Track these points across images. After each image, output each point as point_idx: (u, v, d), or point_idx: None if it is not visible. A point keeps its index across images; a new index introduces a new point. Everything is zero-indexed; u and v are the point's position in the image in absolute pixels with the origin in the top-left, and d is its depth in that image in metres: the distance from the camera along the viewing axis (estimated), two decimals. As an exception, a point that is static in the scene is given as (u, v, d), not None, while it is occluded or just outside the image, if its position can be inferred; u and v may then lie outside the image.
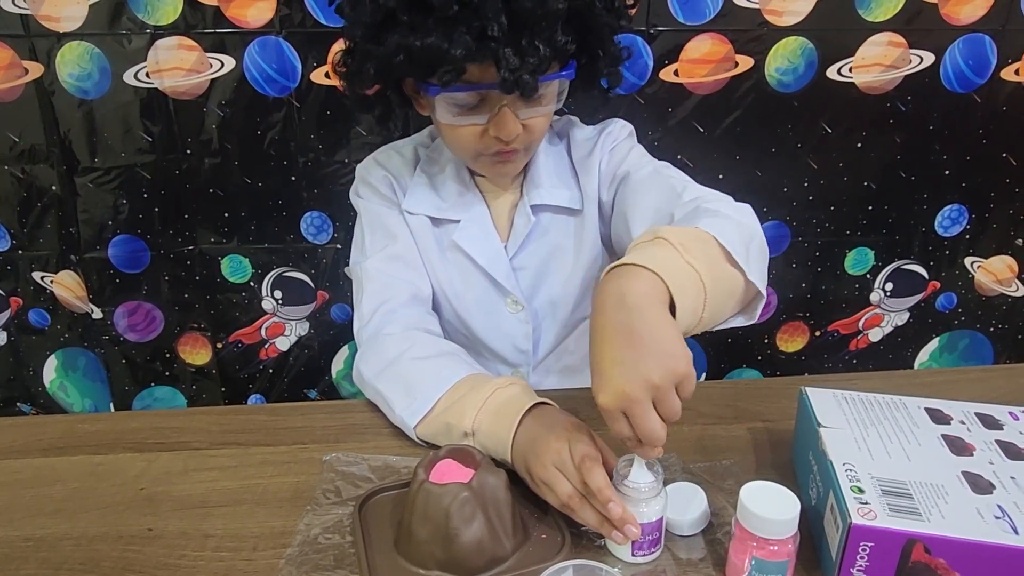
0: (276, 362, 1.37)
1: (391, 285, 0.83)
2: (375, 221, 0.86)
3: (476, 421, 0.65)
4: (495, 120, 0.72)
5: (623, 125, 0.88)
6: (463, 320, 0.87)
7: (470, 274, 0.86)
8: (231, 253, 1.28)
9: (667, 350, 0.52)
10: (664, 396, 0.51)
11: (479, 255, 0.84)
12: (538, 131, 0.77)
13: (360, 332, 0.82)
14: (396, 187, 0.86)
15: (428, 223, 0.85)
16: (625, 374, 0.51)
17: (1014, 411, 0.63)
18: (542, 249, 0.86)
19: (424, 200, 0.85)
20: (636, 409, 0.51)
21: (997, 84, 1.20)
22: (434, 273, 0.86)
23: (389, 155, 0.89)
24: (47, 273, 1.26)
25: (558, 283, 0.86)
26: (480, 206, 0.85)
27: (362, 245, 0.87)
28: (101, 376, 1.34)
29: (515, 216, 0.85)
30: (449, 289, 0.86)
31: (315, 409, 0.80)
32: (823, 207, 1.29)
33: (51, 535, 0.60)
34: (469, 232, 0.84)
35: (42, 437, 0.75)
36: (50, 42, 1.11)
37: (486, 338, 0.88)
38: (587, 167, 0.85)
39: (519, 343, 0.88)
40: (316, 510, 0.62)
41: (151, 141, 1.18)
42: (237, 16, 1.12)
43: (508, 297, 0.86)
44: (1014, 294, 1.37)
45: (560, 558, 0.54)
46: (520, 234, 0.84)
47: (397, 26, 0.66)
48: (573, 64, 0.73)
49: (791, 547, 0.50)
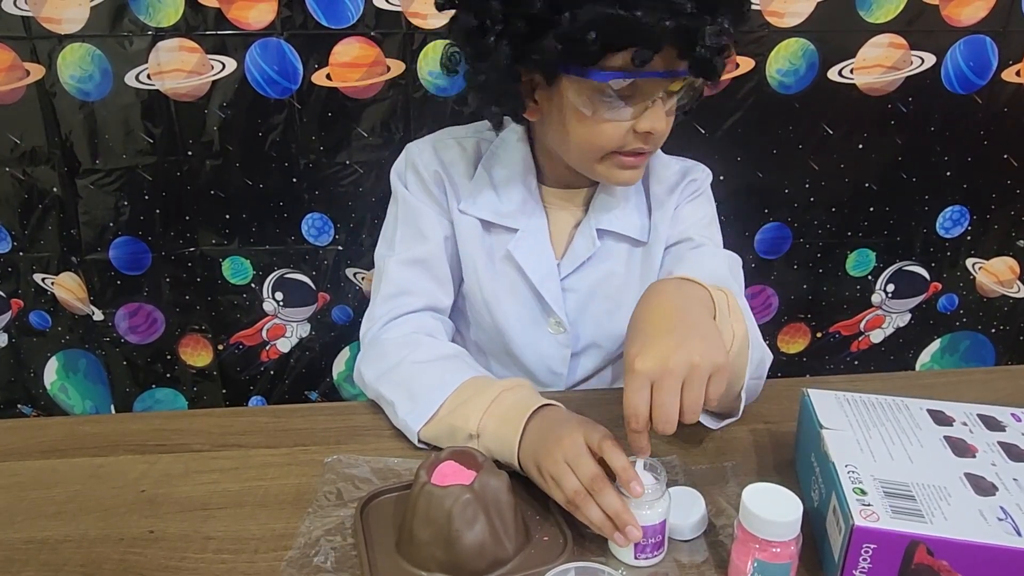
0: (277, 364, 1.36)
1: (408, 291, 0.80)
2: (409, 216, 0.82)
3: (481, 423, 0.65)
4: (648, 114, 0.69)
5: (706, 174, 0.86)
6: (500, 331, 0.84)
7: (517, 287, 0.82)
8: (232, 255, 1.28)
9: (713, 338, 0.55)
10: (696, 379, 0.52)
11: (532, 270, 0.81)
12: (667, 132, 0.74)
13: (366, 333, 0.81)
14: (447, 184, 0.81)
15: (480, 226, 0.81)
16: (670, 344, 0.53)
17: (1016, 412, 0.63)
18: (597, 274, 0.82)
19: (484, 203, 0.80)
20: (667, 382, 0.52)
21: (998, 85, 1.20)
22: (477, 278, 0.82)
23: (448, 144, 0.83)
24: (48, 275, 1.26)
25: (607, 312, 0.83)
26: (540, 218, 0.81)
27: (391, 236, 0.83)
28: (102, 378, 1.34)
29: (576, 235, 0.81)
30: (492, 298, 0.83)
31: (316, 411, 0.80)
32: (824, 208, 1.28)
33: (52, 537, 0.60)
34: (525, 244, 0.80)
35: (43, 439, 0.75)
36: (51, 44, 1.11)
37: (521, 353, 0.85)
38: (665, 205, 0.81)
39: (554, 365, 0.85)
40: (317, 512, 0.62)
41: (152, 143, 1.18)
42: (238, 18, 1.12)
43: (552, 317, 0.83)
44: (1015, 295, 1.37)
45: (562, 560, 0.54)
46: (579, 256, 0.81)
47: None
48: None
49: (793, 549, 0.50)
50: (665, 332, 0.54)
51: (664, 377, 0.52)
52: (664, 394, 0.52)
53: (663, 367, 0.52)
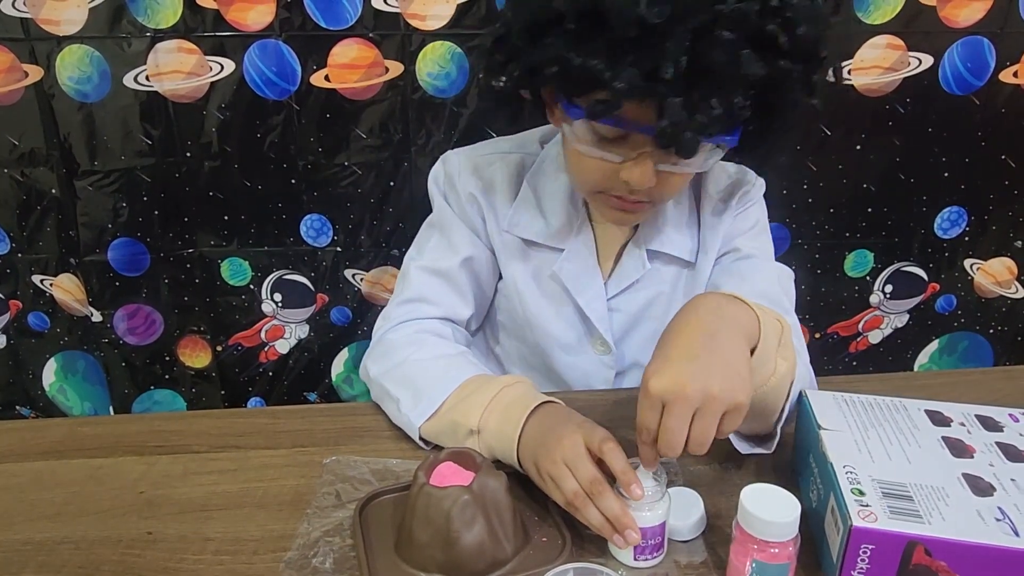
0: (276, 365, 1.36)
1: (426, 299, 0.79)
2: (441, 224, 0.81)
3: (482, 419, 0.65)
4: (631, 164, 0.64)
5: (760, 185, 0.81)
6: (543, 351, 0.82)
7: (563, 307, 0.80)
8: (231, 256, 1.28)
9: (739, 372, 0.52)
10: (710, 412, 0.50)
11: (578, 291, 0.78)
12: (673, 189, 0.70)
13: (378, 330, 0.80)
14: (484, 208, 0.78)
15: (523, 245, 0.79)
16: (690, 370, 0.50)
17: (1014, 413, 0.63)
18: (645, 296, 0.80)
19: (528, 224, 0.78)
20: (679, 407, 0.50)
21: (996, 86, 1.20)
22: (520, 298, 0.80)
23: (491, 161, 0.79)
24: (47, 276, 1.26)
25: (653, 333, 0.78)
26: (587, 235, 0.78)
27: (423, 242, 0.82)
28: (101, 379, 1.34)
29: (624, 255, 0.79)
30: (536, 317, 0.81)
31: (315, 412, 0.80)
32: (822, 209, 1.29)
33: (50, 539, 0.60)
34: (571, 264, 0.78)
35: (41, 441, 0.75)
36: (50, 45, 1.11)
37: (564, 373, 0.83)
38: (716, 224, 0.78)
39: (597, 385, 0.84)
40: (316, 513, 0.62)
41: (151, 144, 1.18)
42: (237, 19, 1.12)
43: (597, 338, 0.81)
44: (1013, 296, 1.37)
45: (561, 561, 0.54)
46: (627, 277, 0.79)
47: (560, 33, 0.58)
48: (739, 131, 0.63)
49: (792, 550, 0.50)
50: (688, 355, 0.51)
51: (676, 402, 0.50)
52: (673, 419, 0.51)
53: (677, 392, 0.50)
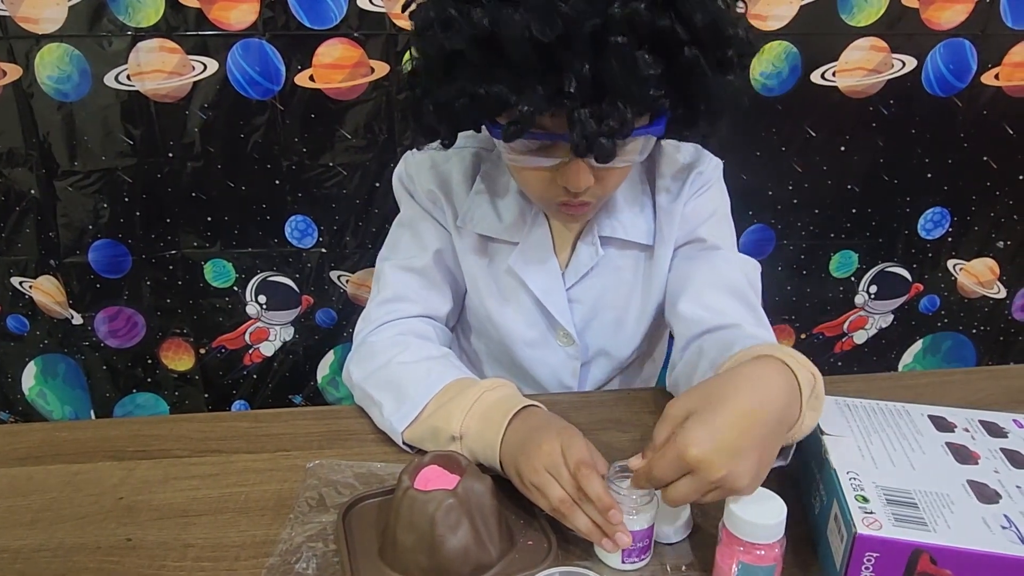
0: (260, 368, 1.35)
1: (403, 297, 0.79)
2: (410, 223, 0.81)
3: (464, 425, 0.64)
4: (564, 169, 0.64)
5: (715, 165, 0.80)
6: (507, 348, 0.82)
7: (522, 301, 0.80)
8: (214, 258, 1.26)
9: (763, 472, 0.51)
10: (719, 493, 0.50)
11: (535, 284, 0.78)
12: (614, 183, 0.70)
13: (359, 333, 0.80)
14: (443, 202, 0.79)
15: (480, 241, 0.79)
16: (732, 463, 0.49)
17: (1018, 419, 0.62)
18: (602, 283, 0.80)
19: (482, 219, 0.78)
20: (701, 484, 0.49)
21: (977, 88, 1.21)
22: (479, 294, 0.81)
23: (447, 157, 0.80)
24: (26, 278, 1.24)
25: (615, 321, 0.81)
26: (542, 228, 0.78)
27: (394, 241, 0.82)
28: (81, 383, 1.32)
29: (579, 244, 0.78)
30: (496, 314, 0.81)
31: (298, 415, 0.79)
32: (807, 210, 1.29)
33: (27, 546, 0.59)
34: (527, 257, 0.78)
35: (19, 446, 0.73)
36: (29, 44, 1.09)
37: (530, 368, 0.83)
38: (670, 206, 0.77)
39: (564, 378, 0.84)
40: (299, 518, 0.61)
41: (132, 144, 1.17)
42: (220, 18, 1.11)
43: (559, 330, 0.81)
44: (996, 296, 1.38)
45: (546, 565, 0.54)
46: (583, 265, 0.78)
47: (463, 66, 0.59)
48: (664, 120, 0.64)
49: (778, 552, 0.50)
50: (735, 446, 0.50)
51: (704, 480, 0.49)
52: (691, 490, 0.50)
53: (711, 475, 0.49)
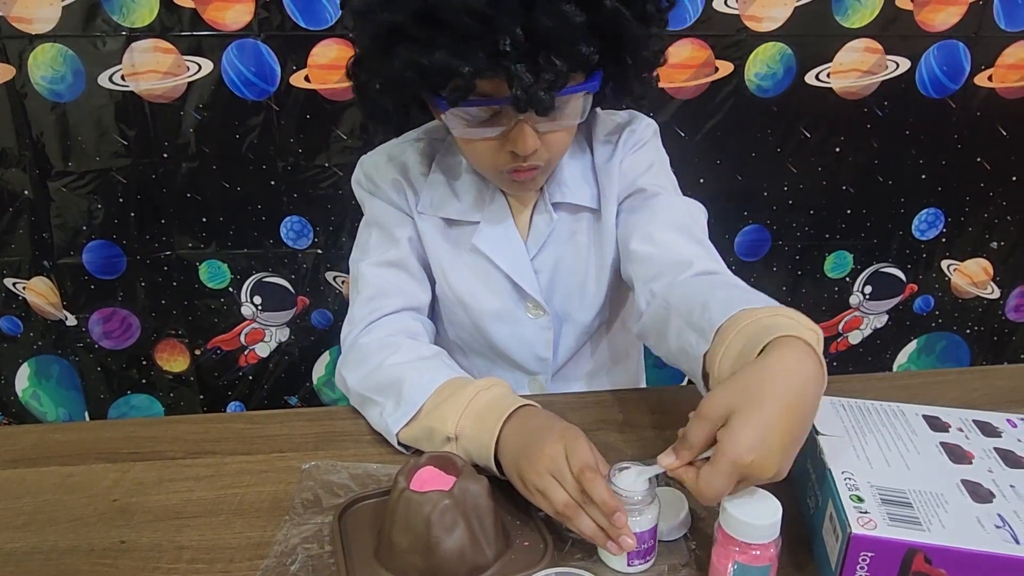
0: (256, 369, 1.35)
1: (385, 292, 0.80)
2: (376, 221, 0.82)
3: (459, 425, 0.64)
4: (511, 135, 0.68)
5: (647, 124, 0.83)
6: (481, 328, 0.83)
7: (490, 278, 0.81)
8: (209, 258, 1.26)
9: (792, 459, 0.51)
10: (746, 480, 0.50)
11: (500, 258, 0.80)
12: (559, 146, 0.72)
13: (347, 337, 0.80)
14: (406, 188, 0.81)
15: (442, 224, 0.81)
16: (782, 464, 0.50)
17: (1012, 418, 0.62)
18: (561, 249, 0.82)
19: (441, 202, 0.80)
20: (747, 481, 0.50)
21: (971, 90, 1.22)
22: (446, 278, 0.82)
23: (402, 149, 0.83)
24: (19, 279, 1.24)
25: (577, 285, 0.83)
26: (500, 203, 0.80)
27: (364, 243, 0.83)
28: (75, 384, 1.32)
29: (534, 215, 0.81)
30: (466, 295, 0.82)
31: (294, 416, 0.79)
32: (802, 211, 1.30)
33: (20, 549, 0.59)
34: (490, 234, 0.80)
35: (12, 448, 0.73)
36: (22, 44, 1.09)
37: (506, 347, 0.84)
38: (608, 166, 0.80)
39: (539, 350, 0.85)
40: (295, 520, 0.61)
41: (127, 145, 1.16)
42: (215, 19, 1.11)
43: (528, 301, 0.82)
44: (989, 296, 1.39)
45: (543, 566, 0.54)
46: (541, 233, 0.80)
47: (404, 40, 0.62)
48: (598, 76, 0.68)
49: (773, 552, 0.50)
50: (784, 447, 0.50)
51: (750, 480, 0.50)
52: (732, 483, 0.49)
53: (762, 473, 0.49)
